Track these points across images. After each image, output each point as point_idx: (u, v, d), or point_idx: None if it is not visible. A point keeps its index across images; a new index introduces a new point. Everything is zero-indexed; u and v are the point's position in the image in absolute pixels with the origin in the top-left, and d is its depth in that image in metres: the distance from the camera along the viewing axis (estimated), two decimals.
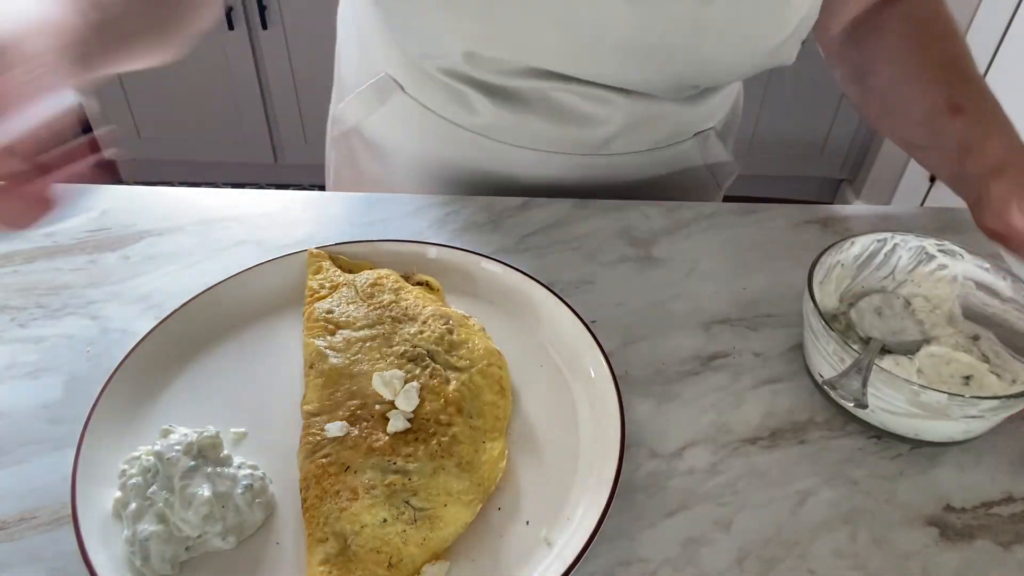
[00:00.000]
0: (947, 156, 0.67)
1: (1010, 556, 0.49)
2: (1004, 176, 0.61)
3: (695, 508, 0.51)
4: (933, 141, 0.69)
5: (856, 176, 2.30)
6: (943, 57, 0.69)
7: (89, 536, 0.45)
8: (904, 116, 0.71)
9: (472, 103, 0.73)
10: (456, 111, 0.75)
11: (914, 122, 0.70)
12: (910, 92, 0.69)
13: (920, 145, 0.73)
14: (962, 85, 0.67)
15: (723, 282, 0.68)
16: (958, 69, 0.68)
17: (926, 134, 0.70)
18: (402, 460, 0.49)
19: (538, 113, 0.73)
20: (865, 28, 0.73)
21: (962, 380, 0.57)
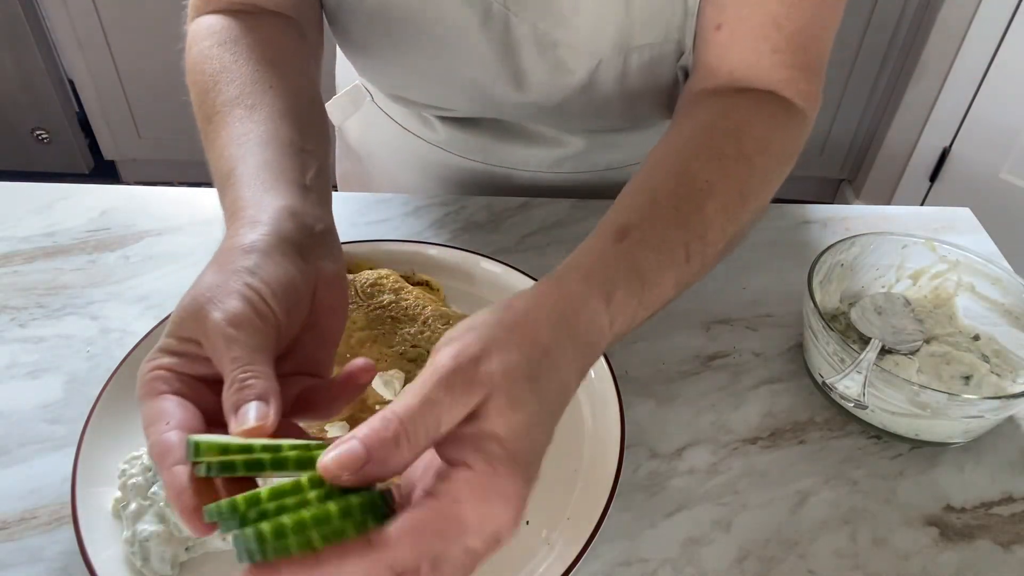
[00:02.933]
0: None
1: (1010, 556, 0.49)
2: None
3: (695, 508, 0.51)
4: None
5: (856, 176, 2.29)
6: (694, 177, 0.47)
7: (89, 536, 0.45)
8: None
9: (429, 120, 0.75)
10: (416, 126, 0.77)
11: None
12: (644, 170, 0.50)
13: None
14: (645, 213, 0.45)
15: (723, 282, 0.68)
16: (689, 193, 0.46)
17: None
18: None
19: (493, 135, 0.74)
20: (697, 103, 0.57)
21: (962, 380, 0.57)
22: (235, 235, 0.40)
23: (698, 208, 0.45)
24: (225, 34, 0.53)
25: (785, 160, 0.52)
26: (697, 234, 0.45)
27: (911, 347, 0.58)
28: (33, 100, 2.14)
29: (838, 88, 2.09)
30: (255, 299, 0.36)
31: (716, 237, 0.46)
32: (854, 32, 1.96)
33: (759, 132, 0.51)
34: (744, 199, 0.48)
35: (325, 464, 0.29)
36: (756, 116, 0.52)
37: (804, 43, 0.53)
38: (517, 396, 0.32)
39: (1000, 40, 1.78)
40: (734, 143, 0.49)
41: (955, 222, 0.77)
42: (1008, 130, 1.83)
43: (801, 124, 0.54)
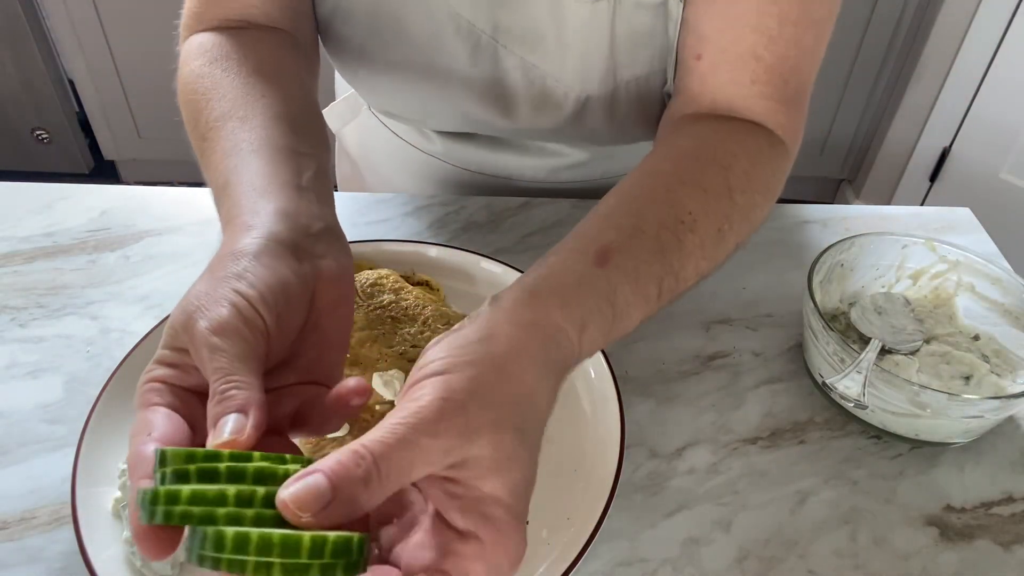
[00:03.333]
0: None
1: (1010, 556, 0.49)
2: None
3: (695, 508, 0.51)
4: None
5: (856, 176, 2.29)
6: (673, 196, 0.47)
7: (89, 536, 0.45)
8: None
9: (426, 132, 0.76)
10: (412, 136, 0.77)
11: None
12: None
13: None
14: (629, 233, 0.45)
15: (723, 282, 0.68)
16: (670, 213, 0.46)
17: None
18: None
19: (490, 147, 0.75)
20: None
21: (962, 380, 0.57)
22: (227, 242, 0.39)
23: (679, 243, 0.44)
24: (216, 51, 0.53)
25: (767, 196, 0.51)
26: (672, 271, 0.44)
27: (911, 347, 0.58)
28: (33, 100, 2.14)
29: (838, 88, 2.09)
30: (242, 305, 0.35)
31: (689, 275, 0.45)
32: (854, 32, 1.96)
33: (744, 167, 0.50)
34: (722, 236, 0.47)
35: (283, 500, 0.28)
36: (742, 150, 0.51)
37: (784, 75, 0.52)
38: (510, 453, 0.31)
39: (1000, 40, 1.78)
40: (721, 177, 0.48)
41: (955, 222, 0.77)
42: (1008, 130, 1.83)
43: (783, 158, 0.53)
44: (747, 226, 0.49)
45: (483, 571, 0.30)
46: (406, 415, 0.30)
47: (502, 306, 0.37)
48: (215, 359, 0.33)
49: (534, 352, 0.35)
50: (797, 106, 0.54)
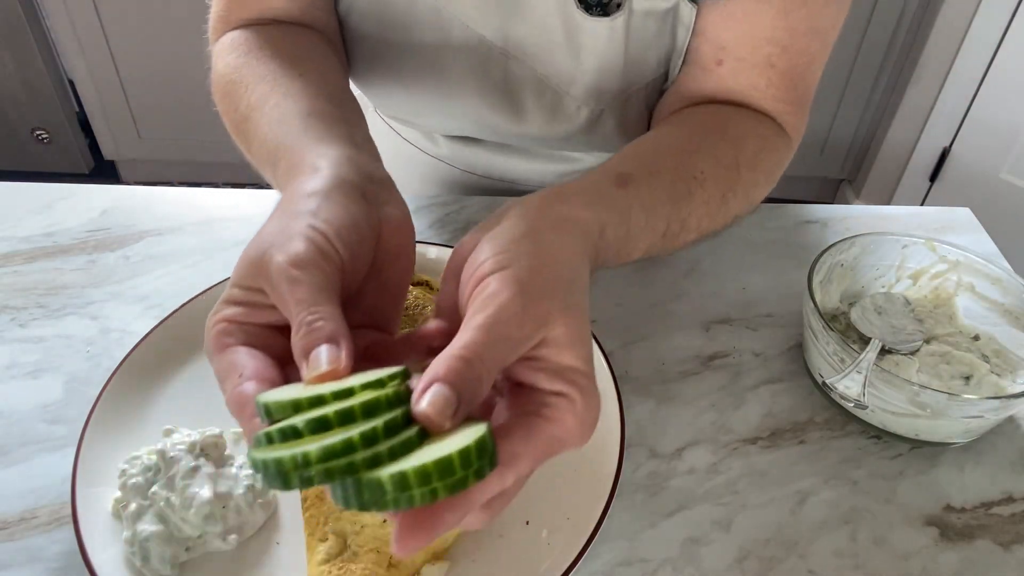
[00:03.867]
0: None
1: (1010, 556, 0.49)
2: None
3: (695, 508, 0.51)
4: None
5: (856, 176, 2.29)
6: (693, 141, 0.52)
7: (89, 536, 0.45)
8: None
9: (433, 136, 0.75)
10: (419, 139, 0.77)
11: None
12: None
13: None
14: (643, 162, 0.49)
15: (723, 282, 0.68)
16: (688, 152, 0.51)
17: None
18: None
19: (497, 151, 0.75)
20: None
21: (962, 380, 0.57)
22: (295, 186, 0.39)
23: (688, 194, 0.48)
24: (249, 44, 0.54)
25: (768, 180, 0.56)
26: (679, 216, 0.47)
27: (911, 347, 0.58)
28: (33, 100, 2.14)
29: (838, 88, 2.09)
30: (319, 239, 0.35)
31: (692, 227, 0.49)
32: (854, 32, 1.96)
33: (752, 147, 0.54)
34: (725, 203, 0.51)
35: (424, 412, 0.30)
36: (752, 133, 0.55)
37: (795, 80, 0.56)
38: (580, 330, 0.34)
39: (1000, 40, 1.78)
40: (731, 151, 0.52)
41: (955, 222, 0.77)
42: (1008, 130, 1.83)
43: (786, 150, 0.58)
44: (747, 202, 0.53)
45: (575, 424, 0.33)
46: (493, 311, 0.32)
47: (532, 204, 0.39)
48: (296, 291, 0.34)
49: (573, 243, 0.38)
50: (803, 107, 0.58)
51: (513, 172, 0.76)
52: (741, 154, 0.53)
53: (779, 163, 0.57)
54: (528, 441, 0.32)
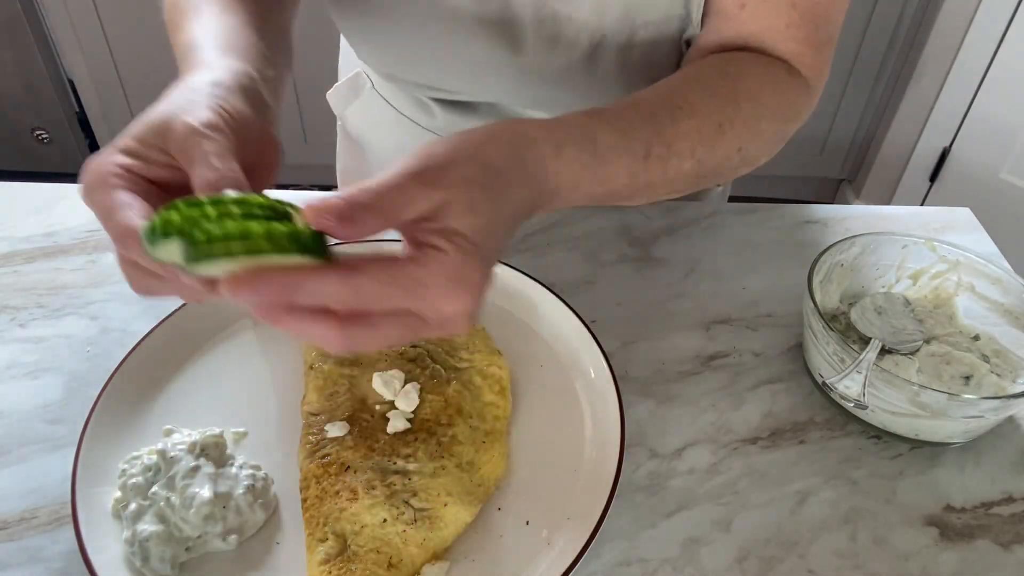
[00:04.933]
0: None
1: (1010, 556, 0.49)
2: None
3: (695, 508, 0.51)
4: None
5: (856, 176, 2.29)
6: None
7: (89, 536, 0.45)
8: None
9: (427, 105, 0.75)
10: (414, 111, 0.77)
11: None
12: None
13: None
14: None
15: (723, 282, 0.68)
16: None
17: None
18: (402, 460, 0.49)
19: (490, 121, 0.74)
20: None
21: (962, 380, 0.57)
22: (199, 73, 0.44)
23: (672, 120, 0.48)
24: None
25: (778, 116, 0.55)
26: (663, 139, 0.47)
27: (911, 347, 0.58)
28: (33, 100, 2.14)
29: (838, 88, 2.09)
30: (225, 116, 0.40)
31: (682, 150, 0.48)
32: (854, 32, 1.96)
33: (753, 84, 0.54)
34: (722, 131, 0.50)
35: (312, 205, 0.34)
36: (755, 70, 0.55)
37: (816, 21, 0.56)
38: (476, 202, 0.37)
39: (1000, 40, 1.78)
40: (729, 85, 0.52)
41: (955, 222, 0.77)
42: (1008, 130, 1.83)
43: (801, 90, 0.57)
44: (752, 135, 0.53)
45: (441, 278, 0.35)
46: (397, 170, 0.36)
47: (480, 126, 0.42)
48: (209, 143, 0.38)
49: (502, 146, 0.40)
50: (824, 50, 0.58)
51: None
52: (740, 88, 0.53)
53: (790, 103, 0.56)
54: (383, 266, 0.34)
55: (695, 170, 0.50)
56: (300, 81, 2.08)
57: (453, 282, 0.35)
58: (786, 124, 0.56)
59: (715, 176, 0.52)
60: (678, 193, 0.53)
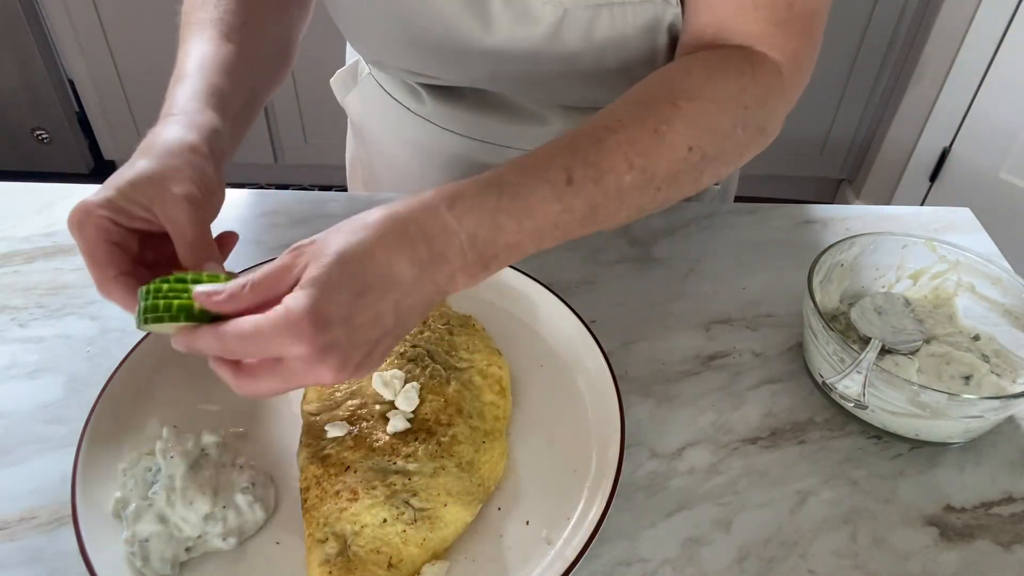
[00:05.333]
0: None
1: (1010, 556, 0.49)
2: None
3: (695, 508, 0.51)
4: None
5: (856, 176, 2.29)
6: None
7: (89, 536, 0.45)
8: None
9: (416, 91, 0.75)
10: (405, 97, 0.77)
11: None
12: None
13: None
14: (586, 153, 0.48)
15: (723, 282, 0.68)
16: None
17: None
18: (402, 460, 0.49)
19: (478, 108, 0.74)
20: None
21: (962, 380, 0.57)
22: (176, 131, 0.51)
23: (595, 141, 0.47)
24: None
25: (731, 106, 0.52)
26: (585, 161, 0.47)
27: (911, 347, 0.58)
28: (33, 100, 2.14)
29: (838, 88, 2.08)
30: (202, 187, 0.49)
31: (615, 165, 0.47)
32: (854, 32, 1.96)
33: (695, 80, 0.52)
34: (660, 135, 0.49)
35: (197, 292, 0.42)
36: (700, 65, 0.53)
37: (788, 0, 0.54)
38: (322, 257, 0.41)
39: (1000, 40, 1.78)
40: (664, 90, 0.51)
41: (955, 222, 0.77)
42: (1008, 130, 1.83)
43: (767, 73, 0.54)
44: (702, 132, 0.50)
45: (273, 328, 0.39)
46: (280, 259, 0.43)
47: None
48: (192, 219, 0.48)
49: (381, 218, 0.43)
50: (803, 30, 0.55)
51: (494, 133, 0.76)
52: (677, 87, 0.51)
53: (745, 89, 0.53)
54: (246, 320, 0.40)
55: (644, 180, 0.48)
56: (301, 82, 2.09)
57: (277, 329, 0.39)
58: (747, 112, 0.53)
59: (680, 181, 0.51)
60: (659, 204, 0.51)
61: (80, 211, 0.47)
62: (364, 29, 0.69)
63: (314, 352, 0.39)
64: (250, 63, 0.60)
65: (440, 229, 0.43)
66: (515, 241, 0.45)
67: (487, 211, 0.44)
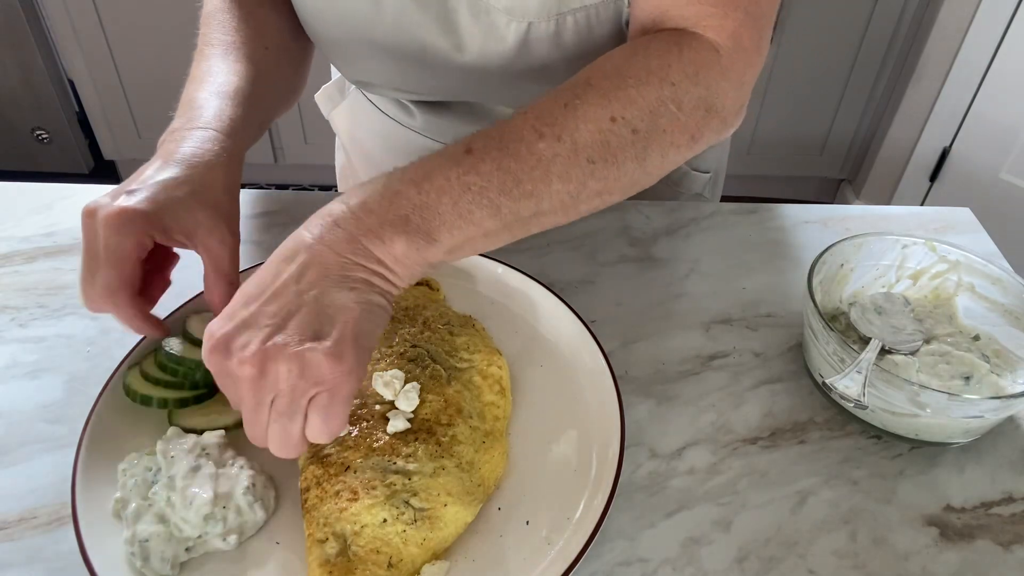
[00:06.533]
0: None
1: (1010, 556, 0.49)
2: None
3: (695, 508, 0.51)
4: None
5: (856, 176, 2.29)
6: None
7: (89, 536, 0.45)
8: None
9: (406, 105, 0.76)
10: (395, 111, 0.77)
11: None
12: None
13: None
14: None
15: (723, 282, 0.68)
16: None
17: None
18: (402, 460, 0.49)
19: (467, 119, 0.75)
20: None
21: (962, 380, 0.57)
22: (219, 151, 0.53)
23: (502, 122, 0.49)
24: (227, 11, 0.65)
25: (653, 79, 0.51)
26: (488, 134, 0.48)
27: (911, 347, 0.58)
28: (33, 100, 2.14)
29: (838, 88, 2.09)
30: (235, 228, 0.53)
31: (521, 135, 0.48)
32: (854, 32, 1.96)
33: (614, 62, 0.52)
34: (570, 108, 0.49)
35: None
36: (621, 50, 0.53)
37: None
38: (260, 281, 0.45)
39: (1000, 40, 1.78)
40: (583, 75, 0.52)
41: (955, 222, 0.77)
42: (1008, 130, 1.83)
43: (700, 52, 0.53)
44: (623, 104, 0.50)
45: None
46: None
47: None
48: (234, 258, 0.52)
49: (292, 244, 0.45)
50: (745, 11, 0.54)
51: None
52: (593, 69, 0.52)
53: (670, 66, 0.52)
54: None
55: (566, 150, 0.48)
56: None
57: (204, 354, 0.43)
58: (675, 88, 0.51)
59: (617, 155, 0.50)
60: (610, 183, 0.51)
61: (122, 215, 0.47)
62: (345, 53, 0.69)
63: (221, 342, 0.42)
64: (273, 90, 0.62)
65: (329, 212, 0.46)
66: (422, 202, 0.46)
67: (379, 183, 0.46)
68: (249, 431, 0.44)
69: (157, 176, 0.51)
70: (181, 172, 0.51)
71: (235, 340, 0.42)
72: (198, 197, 0.50)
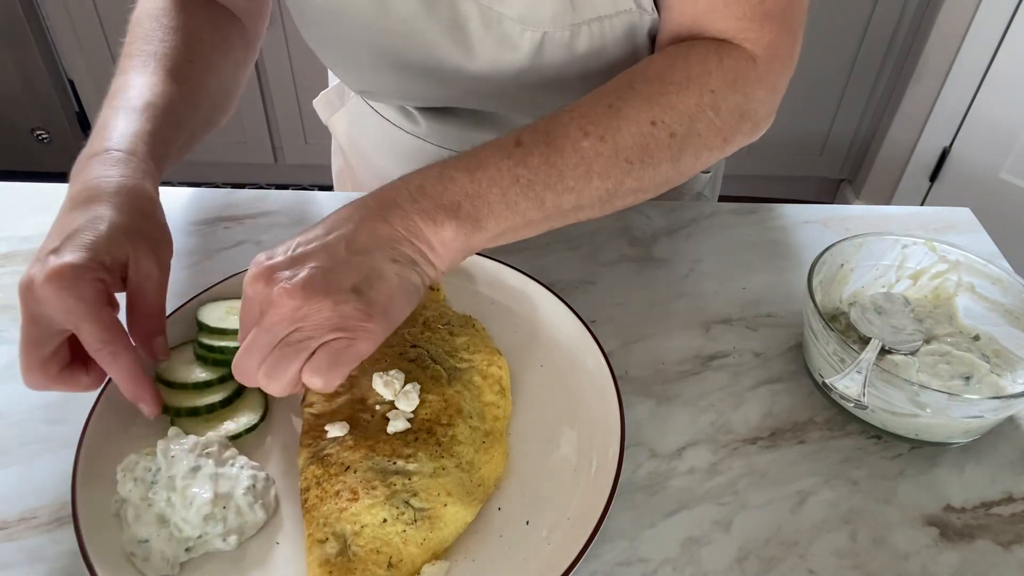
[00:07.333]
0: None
1: (1010, 556, 0.49)
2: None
3: (695, 508, 0.51)
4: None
5: (856, 176, 2.30)
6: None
7: (89, 536, 0.45)
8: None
9: (410, 112, 0.75)
10: (398, 118, 0.77)
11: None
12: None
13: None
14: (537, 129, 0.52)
15: (723, 282, 0.68)
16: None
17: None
18: (402, 460, 0.49)
19: (471, 125, 0.74)
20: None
21: (962, 380, 0.57)
22: (134, 174, 0.53)
23: (549, 118, 0.51)
24: (161, 20, 0.68)
25: (694, 87, 0.53)
26: (536, 128, 0.51)
27: (911, 347, 0.58)
28: (33, 100, 2.14)
29: (838, 88, 2.09)
30: (167, 251, 0.54)
31: (567, 132, 0.50)
32: (854, 32, 1.96)
33: (655, 66, 0.54)
34: (614, 110, 0.51)
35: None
36: (662, 55, 0.55)
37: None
38: (306, 239, 0.47)
39: (1000, 40, 1.78)
40: (622, 78, 0.54)
41: (955, 222, 0.77)
42: (1008, 130, 1.83)
43: (738, 60, 0.55)
44: (663, 109, 0.52)
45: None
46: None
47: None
48: (161, 287, 0.52)
49: (351, 209, 0.48)
50: (779, 22, 0.55)
51: None
52: (635, 73, 0.54)
53: (710, 73, 0.54)
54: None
55: (608, 149, 0.50)
56: (301, 83, 2.09)
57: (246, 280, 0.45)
58: (714, 95, 0.53)
59: (654, 157, 0.52)
60: (645, 183, 0.53)
61: (66, 271, 0.45)
62: (349, 61, 0.69)
63: (268, 269, 0.44)
64: (194, 106, 0.61)
65: (390, 188, 0.48)
66: (474, 191, 0.48)
67: (434, 169, 0.49)
68: (243, 360, 0.45)
69: (72, 224, 0.48)
70: (107, 210, 0.49)
71: (281, 272, 0.44)
72: (133, 232, 0.50)
